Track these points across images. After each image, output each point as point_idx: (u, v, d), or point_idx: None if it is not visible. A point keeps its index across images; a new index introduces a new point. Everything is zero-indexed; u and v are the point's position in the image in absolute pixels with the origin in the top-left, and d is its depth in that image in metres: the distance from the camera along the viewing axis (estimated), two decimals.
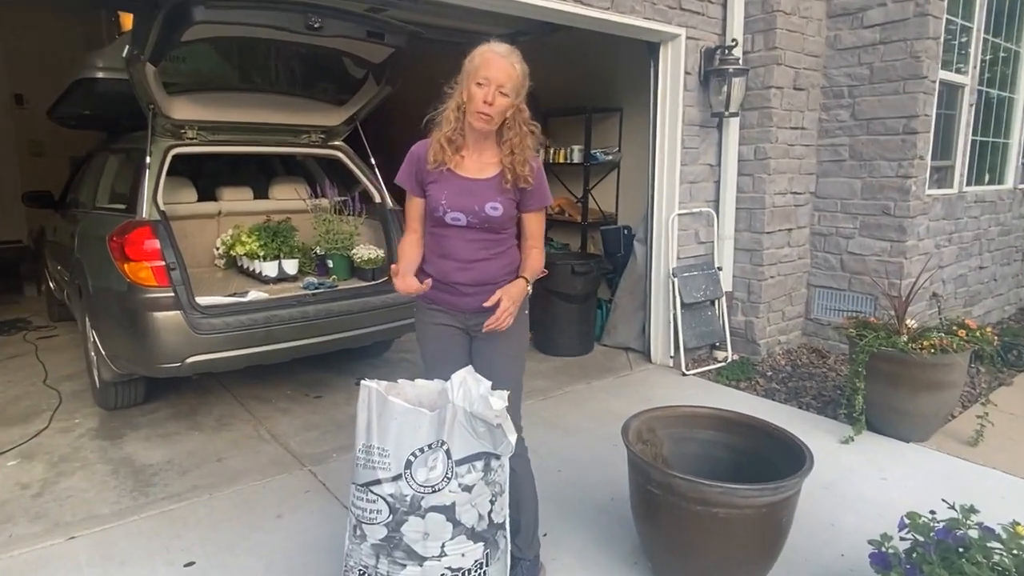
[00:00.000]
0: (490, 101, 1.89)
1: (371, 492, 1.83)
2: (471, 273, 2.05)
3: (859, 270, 4.68)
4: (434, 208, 2.03)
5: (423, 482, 1.80)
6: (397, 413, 1.84)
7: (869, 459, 3.20)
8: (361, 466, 1.86)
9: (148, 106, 3.44)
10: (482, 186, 2.03)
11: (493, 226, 2.04)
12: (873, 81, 4.48)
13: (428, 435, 1.83)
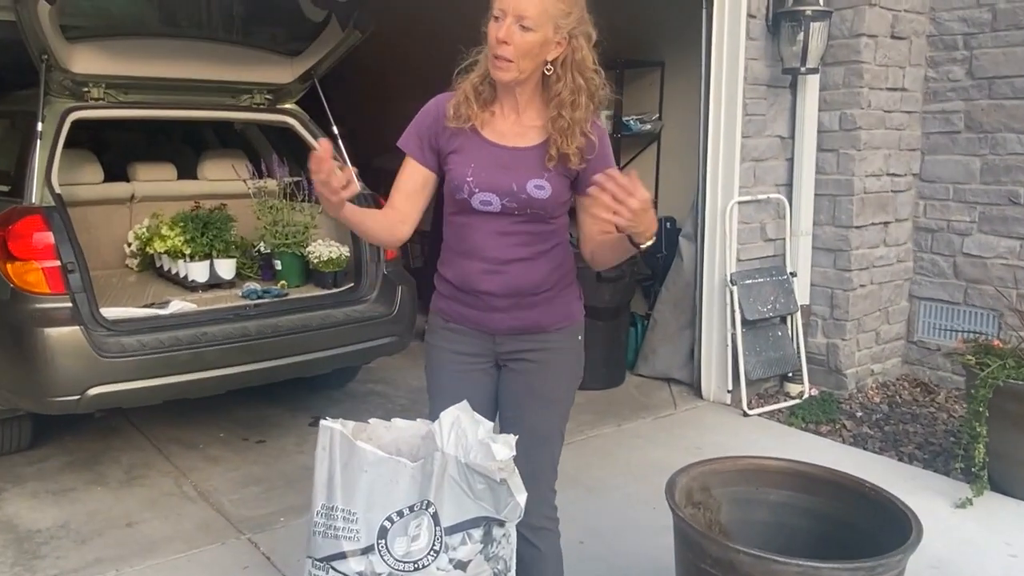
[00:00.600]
0: (504, 38, 1.74)
1: (333, 569, 1.82)
2: (504, 278, 1.91)
3: (978, 277, 4.66)
4: (457, 187, 1.89)
5: (402, 556, 1.79)
6: (368, 464, 1.82)
7: (993, 528, 3.17)
8: (320, 534, 1.85)
9: (41, 56, 3.46)
10: (522, 156, 1.89)
11: (537, 213, 1.90)
12: (996, 28, 4.48)
13: (409, 494, 1.81)
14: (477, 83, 1.88)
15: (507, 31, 1.74)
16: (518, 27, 1.74)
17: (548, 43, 1.78)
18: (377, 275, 3.99)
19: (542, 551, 2.04)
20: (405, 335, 4.07)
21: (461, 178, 1.87)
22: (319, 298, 3.91)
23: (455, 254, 1.98)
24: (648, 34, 5.48)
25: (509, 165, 1.87)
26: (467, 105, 1.87)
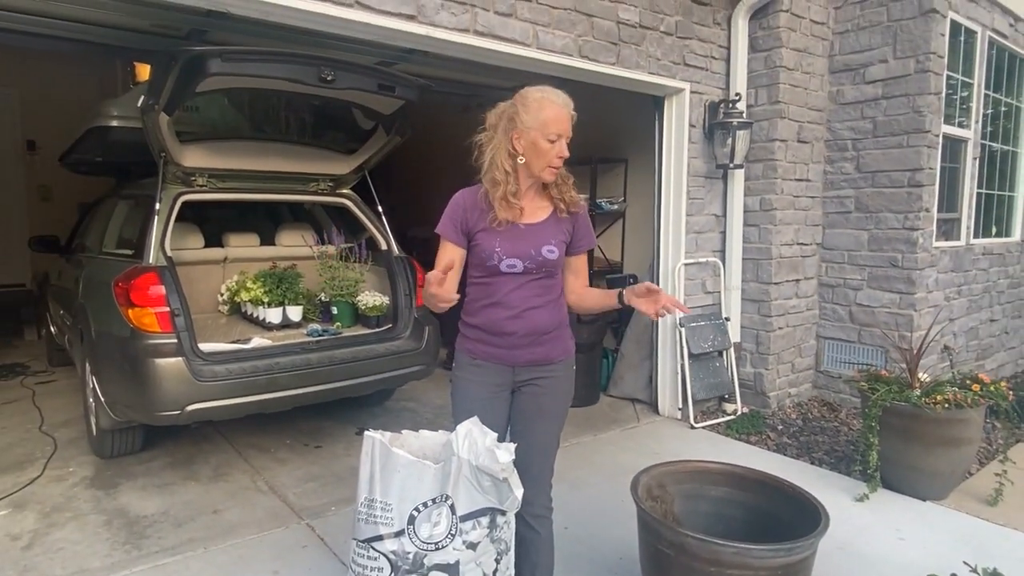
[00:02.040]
0: (565, 156, 1.93)
1: (372, 548, 1.80)
2: (523, 322, 1.96)
3: (868, 322, 4.67)
4: (487, 257, 1.94)
5: (426, 539, 1.77)
6: (400, 466, 1.82)
7: (885, 518, 3.13)
8: (362, 521, 1.83)
9: (160, 154, 3.52)
10: (537, 230, 1.97)
11: (548, 270, 1.98)
12: (877, 135, 4.57)
13: (432, 489, 1.81)
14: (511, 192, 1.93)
15: (565, 149, 1.93)
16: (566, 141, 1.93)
17: None
18: (410, 318, 4.00)
19: (541, 535, 2.04)
20: (431, 364, 4.06)
21: (490, 249, 1.94)
22: (365, 336, 3.91)
23: (483, 305, 2.00)
24: (616, 139, 5.58)
25: (527, 236, 1.96)
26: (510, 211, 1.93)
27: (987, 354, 5.48)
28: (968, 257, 5.09)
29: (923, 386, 3.36)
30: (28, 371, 5.60)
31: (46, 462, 3.65)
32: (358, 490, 1.86)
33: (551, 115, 1.88)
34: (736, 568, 1.88)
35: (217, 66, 2.89)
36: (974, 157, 5.02)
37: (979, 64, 4.94)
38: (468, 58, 3.48)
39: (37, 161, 7.45)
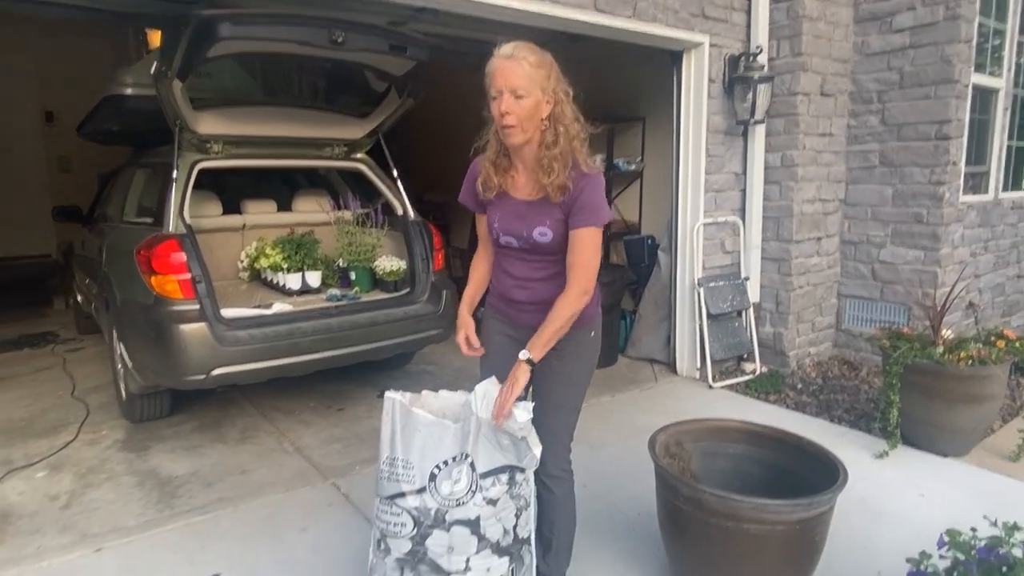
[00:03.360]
0: (506, 110, 1.72)
1: (395, 505, 1.84)
2: (528, 292, 1.96)
3: (891, 279, 4.60)
4: (490, 228, 1.97)
5: (448, 495, 1.81)
6: (421, 425, 1.85)
7: (905, 474, 3.13)
8: (385, 479, 1.87)
9: (175, 121, 3.51)
10: (532, 209, 1.87)
11: (545, 250, 1.89)
12: (903, 86, 4.42)
13: (452, 448, 1.84)
14: (493, 157, 1.91)
15: (507, 103, 1.73)
16: (514, 98, 1.74)
17: (540, 103, 1.78)
18: (427, 282, 4.01)
19: (557, 496, 2.05)
20: (448, 328, 4.07)
21: (491, 223, 1.97)
22: (383, 300, 3.93)
23: (498, 270, 2.05)
24: (633, 97, 5.46)
25: (523, 215, 1.91)
26: (490, 179, 1.92)
27: (1013, 310, 5.38)
28: (996, 212, 4.96)
29: (947, 343, 3.32)
30: (58, 339, 5.74)
31: (79, 426, 3.76)
32: (380, 449, 1.90)
33: (489, 71, 1.76)
34: (753, 522, 1.90)
35: (228, 30, 2.86)
36: (1005, 108, 4.85)
37: (1013, 9, 4.73)
38: (479, 15, 3.40)
39: (55, 132, 7.50)
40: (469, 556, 1.82)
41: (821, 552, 2.03)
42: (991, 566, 1.80)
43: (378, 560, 1.89)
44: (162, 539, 2.63)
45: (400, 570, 1.84)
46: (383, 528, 1.86)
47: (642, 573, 2.38)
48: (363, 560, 2.47)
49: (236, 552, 2.53)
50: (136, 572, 2.42)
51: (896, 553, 2.42)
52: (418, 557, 1.82)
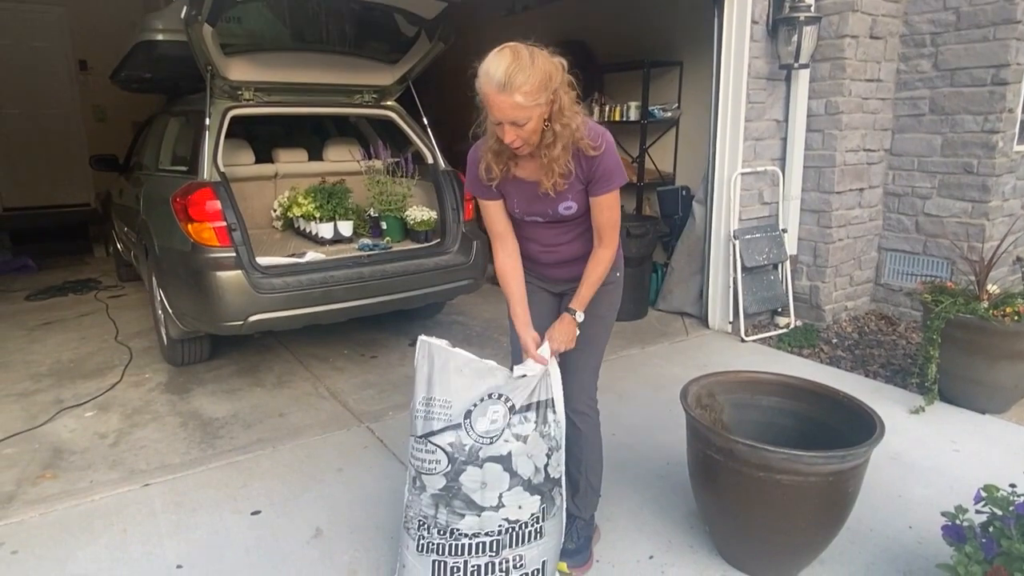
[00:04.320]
0: (511, 140, 1.74)
1: (430, 443, 1.89)
2: (556, 254, 2.04)
3: (936, 232, 4.45)
4: (510, 211, 2.01)
5: (483, 432, 1.87)
6: (462, 364, 1.92)
7: (941, 430, 3.09)
8: (421, 418, 1.92)
9: (206, 68, 3.50)
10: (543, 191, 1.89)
11: (568, 219, 1.96)
12: (959, 27, 4.18)
13: (488, 386, 1.91)
14: (496, 148, 1.87)
15: (511, 134, 1.73)
16: (516, 127, 1.71)
17: (540, 115, 1.72)
18: (458, 233, 4.00)
19: (583, 432, 2.13)
20: (479, 278, 4.10)
21: (511, 207, 2.00)
22: (414, 250, 3.94)
23: (522, 238, 2.08)
24: (670, 40, 5.27)
25: (541, 196, 1.91)
26: (492, 169, 1.91)
27: None
28: None
29: (992, 298, 3.22)
30: (100, 286, 5.91)
31: (124, 369, 3.90)
32: (415, 391, 1.94)
33: (486, 99, 1.70)
34: (786, 474, 1.89)
35: None
36: None
37: None
38: None
39: (90, 81, 7.56)
40: (501, 492, 1.87)
41: (853, 505, 2.03)
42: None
43: (414, 497, 1.95)
44: (205, 477, 2.74)
45: (435, 506, 1.89)
46: (418, 466, 1.91)
47: (670, 520, 2.42)
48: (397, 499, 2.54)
49: (276, 490, 2.63)
50: (182, 507, 2.53)
51: (929, 507, 2.42)
52: (452, 493, 1.86)
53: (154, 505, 2.54)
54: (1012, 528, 1.77)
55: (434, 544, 1.89)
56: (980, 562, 1.70)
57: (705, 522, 2.29)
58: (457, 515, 1.87)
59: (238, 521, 2.43)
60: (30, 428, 3.17)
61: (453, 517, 1.87)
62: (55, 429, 3.17)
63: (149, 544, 2.31)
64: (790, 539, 2.04)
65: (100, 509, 2.52)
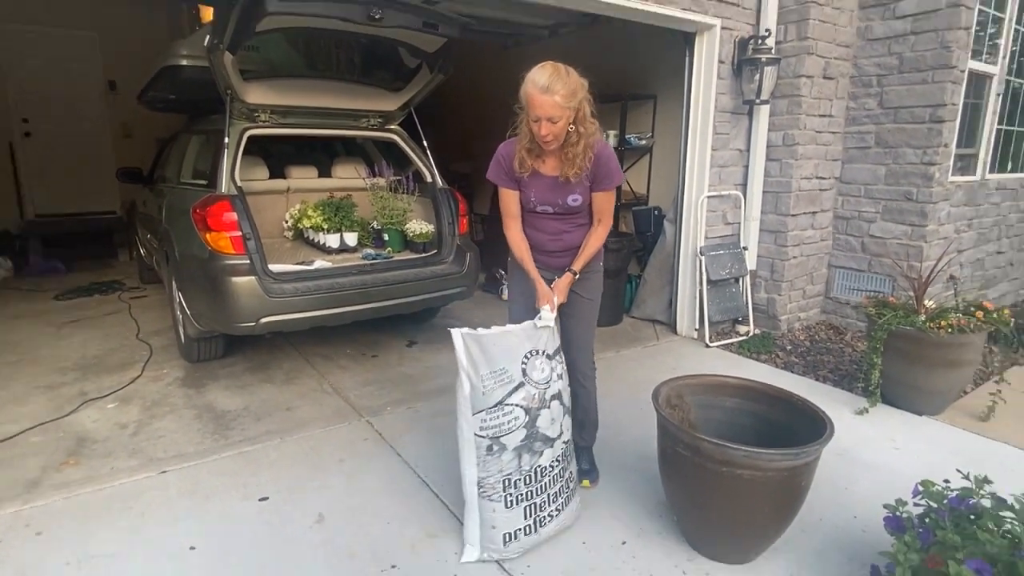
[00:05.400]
0: (545, 133, 2.04)
1: (505, 406, 2.01)
2: (560, 242, 2.32)
3: (879, 252, 4.51)
4: (526, 200, 2.27)
5: (540, 380, 2.07)
6: (496, 339, 2.05)
7: (883, 430, 3.12)
8: (483, 394, 2.00)
9: (226, 91, 3.48)
10: (562, 184, 2.20)
11: (575, 210, 2.26)
12: (902, 71, 4.25)
13: (525, 345, 2.09)
14: (528, 145, 2.17)
15: (546, 128, 2.04)
16: (551, 123, 2.03)
17: (568, 118, 2.06)
18: (452, 245, 4.00)
19: (588, 390, 2.48)
20: (471, 286, 4.09)
21: (527, 197, 2.28)
22: (413, 260, 3.93)
23: (530, 228, 2.35)
24: (646, 76, 5.31)
25: (555, 188, 2.23)
26: (524, 162, 2.20)
27: (990, 284, 5.27)
28: (982, 192, 4.81)
29: (929, 312, 3.26)
30: (124, 287, 5.83)
31: (144, 365, 3.84)
32: (463, 378, 1.99)
33: (528, 100, 2.02)
34: (747, 469, 1.90)
35: (275, 5, 2.80)
36: (997, 93, 4.65)
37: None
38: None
39: (118, 100, 7.47)
40: (562, 422, 2.16)
41: (805, 497, 2.04)
42: (961, 514, 1.80)
43: (492, 461, 2.02)
44: (218, 465, 2.70)
45: (518, 456, 2.04)
46: (494, 433, 2.00)
47: (642, 509, 2.42)
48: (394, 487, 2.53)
49: (282, 478, 2.60)
50: (196, 493, 2.49)
51: (873, 500, 2.43)
52: (532, 438, 2.06)
53: (170, 491, 2.50)
54: (946, 520, 1.78)
55: (522, 494, 2.07)
56: (917, 550, 1.71)
57: (673, 511, 2.29)
58: (537, 454, 2.08)
59: (247, 507, 2.40)
60: (56, 418, 3.12)
61: (534, 457, 2.07)
62: (79, 419, 3.11)
63: (165, 527, 2.27)
64: (749, 527, 2.05)
65: (120, 494, 2.47)
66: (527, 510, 2.08)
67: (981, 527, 1.73)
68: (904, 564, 1.68)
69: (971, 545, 1.64)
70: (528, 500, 2.08)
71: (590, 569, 2.09)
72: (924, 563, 1.66)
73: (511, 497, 2.05)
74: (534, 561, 2.11)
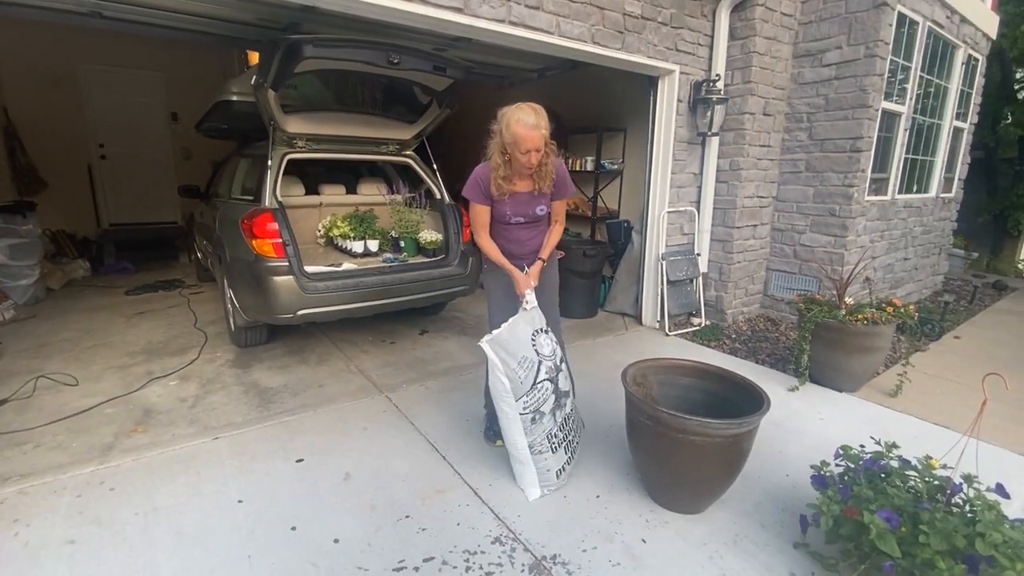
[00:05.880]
0: (535, 163, 2.13)
1: (537, 384, 2.09)
2: (526, 247, 2.38)
3: (808, 258, 4.53)
4: (502, 215, 2.30)
5: (548, 354, 2.15)
6: (507, 335, 2.09)
7: (810, 404, 3.13)
8: (523, 381, 2.06)
9: (269, 122, 3.45)
10: (533, 198, 2.29)
11: (540, 220, 2.36)
12: (828, 109, 4.27)
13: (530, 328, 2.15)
14: (504, 174, 2.20)
15: (535, 157, 2.12)
16: (537, 152, 2.12)
17: (545, 144, 2.15)
18: (457, 250, 3.97)
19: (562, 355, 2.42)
20: (472, 285, 4.06)
21: (503, 212, 2.30)
22: (425, 263, 3.91)
23: (501, 238, 2.37)
24: (617, 111, 5.31)
25: (529, 201, 2.30)
26: (502, 188, 2.23)
27: (899, 285, 5.31)
28: (892, 209, 4.84)
29: (848, 307, 3.28)
30: (184, 285, 5.77)
31: (200, 349, 3.81)
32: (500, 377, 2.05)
33: (519, 136, 2.06)
34: (698, 435, 1.91)
35: (310, 51, 2.78)
36: (905, 128, 4.68)
37: (918, 50, 4.52)
38: (503, 44, 3.28)
39: (179, 129, 7.40)
40: (569, 377, 2.31)
41: (747, 459, 2.05)
42: (874, 473, 1.81)
43: (536, 428, 2.10)
44: (262, 432, 2.68)
45: (552, 415, 2.16)
46: (534, 407, 2.08)
47: (612, 469, 2.42)
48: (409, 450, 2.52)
49: (315, 443, 2.58)
50: (243, 455, 2.47)
51: (802, 461, 2.45)
52: (559, 395, 2.18)
53: (221, 454, 2.48)
54: (861, 478, 1.79)
55: (559, 438, 2.19)
56: (838, 503, 1.72)
57: (638, 471, 2.30)
58: (563, 407, 2.22)
59: (286, 467, 2.39)
60: (126, 393, 3.09)
61: (562, 410, 2.20)
62: (146, 394, 3.09)
63: (216, 484, 2.25)
64: (700, 484, 2.05)
65: (180, 456, 2.45)
66: (566, 448, 2.23)
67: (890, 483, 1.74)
68: (827, 514, 1.69)
69: (882, 498, 1.66)
70: (565, 440, 2.22)
71: (570, 518, 2.09)
72: (844, 513, 1.68)
73: (554, 444, 2.17)
74: (524, 512, 2.11)
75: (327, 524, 2.03)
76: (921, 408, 3.09)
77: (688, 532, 2.03)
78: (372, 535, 1.99)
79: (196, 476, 2.30)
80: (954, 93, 5.24)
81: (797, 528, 2.01)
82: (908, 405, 3.12)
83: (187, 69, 7.16)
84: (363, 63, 3.00)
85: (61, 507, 2.09)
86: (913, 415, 3.01)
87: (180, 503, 2.13)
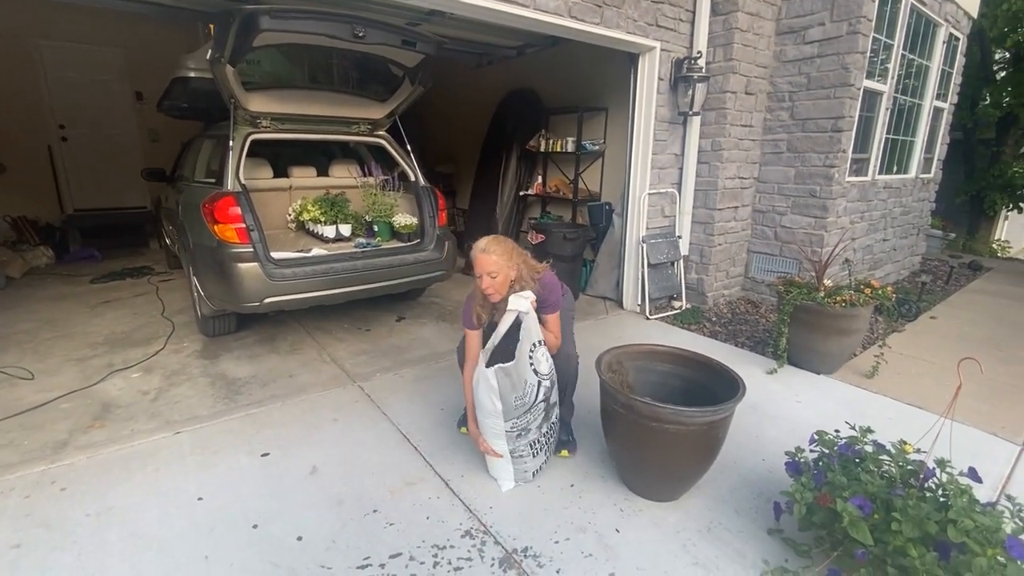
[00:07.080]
0: (486, 287, 2.05)
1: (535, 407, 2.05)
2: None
3: (789, 240, 4.50)
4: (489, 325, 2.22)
5: (546, 372, 2.08)
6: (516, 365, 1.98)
7: (788, 386, 3.12)
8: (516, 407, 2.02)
9: (229, 100, 3.28)
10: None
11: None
12: (809, 88, 4.20)
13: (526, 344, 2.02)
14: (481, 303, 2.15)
15: (487, 282, 2.04)
16: (490, 278, 2.03)
17: (508, 274, 2.05)
18: (434, 234, 3.87)
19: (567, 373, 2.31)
20: (450, 270, 3.97)
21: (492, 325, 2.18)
22: (400, 248, 3.80)
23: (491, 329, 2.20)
24: (599, 91, 5.19)
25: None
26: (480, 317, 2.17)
27: (878, 265, 5.33)
28: (872, 190, 4.83)
29: (827, 289, 3.26)
30: (153, 272, 5.58)
31: (167, 339, 3.68)
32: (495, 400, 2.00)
33: (474, 260, 2.04)
34: (672, 423, 1.86)
35: (267, 22, 2.61)
36: (887, 108, 4.64)
37: (900, 27, 4.46)
38: (476, 17, 3.14)
39: (145, 110, 7.08)
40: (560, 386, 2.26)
41: (722, 445, 2.01)
42: (848, 459, 1.78)
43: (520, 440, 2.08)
44: (227, 426, 2.59)
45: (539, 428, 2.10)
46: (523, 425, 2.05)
47: (587, 457, 2.38)
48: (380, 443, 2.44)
49: (282, 436, 2.50)
50: (206, 450, 2.38)
51: (778, 446, 2.43)
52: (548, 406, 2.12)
53: (183, 449, 2.38)
54: (835, 464, 1.77)
55: (540, 443, 2.15)
56: (812, 489, 1.69)
57: (613, 459, 2.26)
58: (549, 419, 2.15)
59: (251, 461, 2.30)
60: (84, 387, 2.95)
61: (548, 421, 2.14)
62: (105, 388, 2.96)
63: (176, 481, 2.16)
64: (675, 472, 2.02)
65: (138, 453, 2.35)
66: (544, 451, 2.19)
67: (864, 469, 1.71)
68: (801, 502, 1.66)
69: (855, 485, 1.63)
70: (544, 444, 2.18)
71: (543, 509, 2.04)
72: (817, 500, 1.64)
73: (535, 449, 2.14)
74: (496, 503, 2.06)
75: (291, 521, 1.95)
76: (897, 389, 3.09)
77: (662, 520, 2.00)
78: (337, 531, 1.92)
79: (154, 473, 2.21)
80: (935, 72, 5.21)
81: (771, 514, 1.98)
82: (884, 386, 3.13)
83: (150, 46, 6.83)
84: (326, 36, 2.84)
85: (8, 509, 1.98)
86: (889, 396, 3.01)
87: (135, 502, 2.03)
